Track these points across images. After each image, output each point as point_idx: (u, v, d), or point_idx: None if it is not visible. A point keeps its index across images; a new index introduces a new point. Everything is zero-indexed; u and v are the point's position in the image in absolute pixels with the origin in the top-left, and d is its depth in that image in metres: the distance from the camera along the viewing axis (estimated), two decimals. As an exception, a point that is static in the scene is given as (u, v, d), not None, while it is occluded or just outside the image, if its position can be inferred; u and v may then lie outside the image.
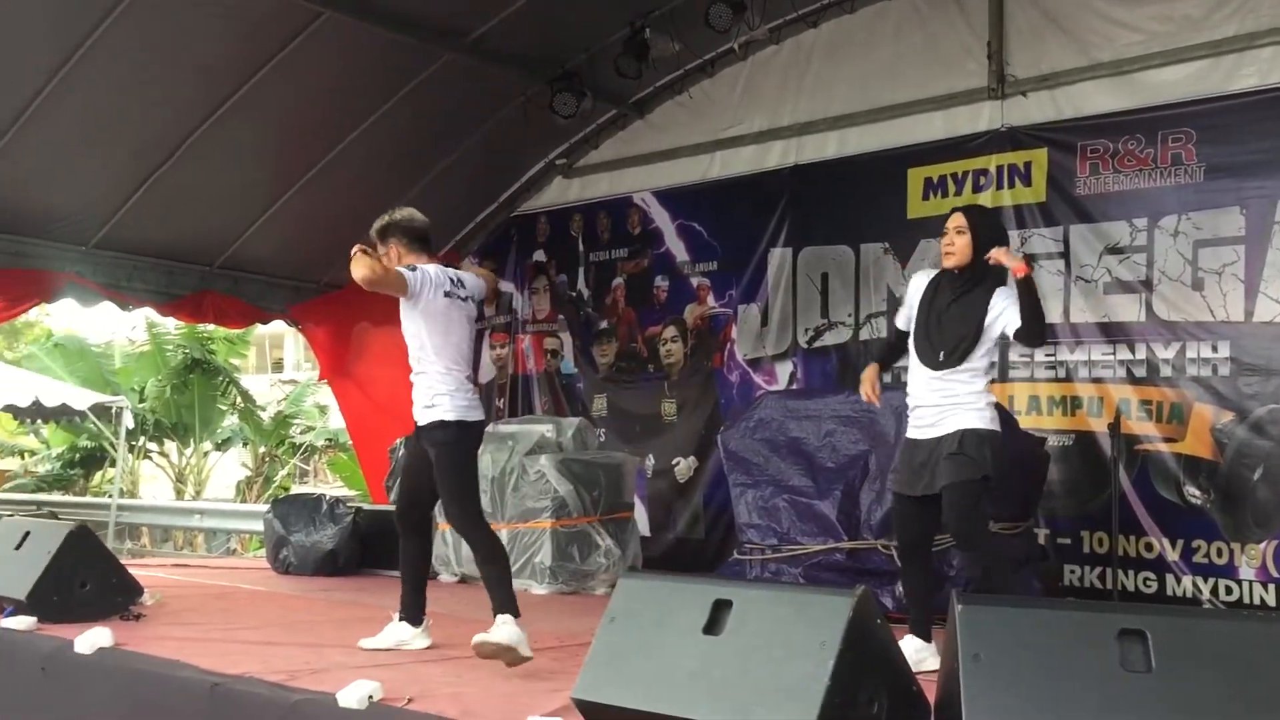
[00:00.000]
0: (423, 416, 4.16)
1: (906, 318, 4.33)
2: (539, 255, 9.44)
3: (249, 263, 9.00)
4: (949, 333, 4.09)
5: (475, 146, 8.68)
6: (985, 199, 6.90)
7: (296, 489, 17.59)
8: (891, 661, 2.68)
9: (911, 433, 4.16)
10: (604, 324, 9.02)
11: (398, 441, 7.75)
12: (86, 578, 4.72)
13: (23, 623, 4.43)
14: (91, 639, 4.04)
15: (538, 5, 7.34)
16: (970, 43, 7.20)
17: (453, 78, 7.88)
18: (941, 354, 4.07)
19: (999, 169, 7.04)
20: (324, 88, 7.68)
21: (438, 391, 4.13)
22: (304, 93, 7.62)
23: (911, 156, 7.36)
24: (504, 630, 3.78)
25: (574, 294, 9.24)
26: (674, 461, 8.42)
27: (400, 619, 4.26)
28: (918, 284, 4.32)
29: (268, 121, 7.79)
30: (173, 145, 7.73)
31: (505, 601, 3.90)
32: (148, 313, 11.64)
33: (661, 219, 8.70)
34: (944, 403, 4.04)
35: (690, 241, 8.53)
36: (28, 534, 4.94)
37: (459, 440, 4.14)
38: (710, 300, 8.38)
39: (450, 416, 4.11)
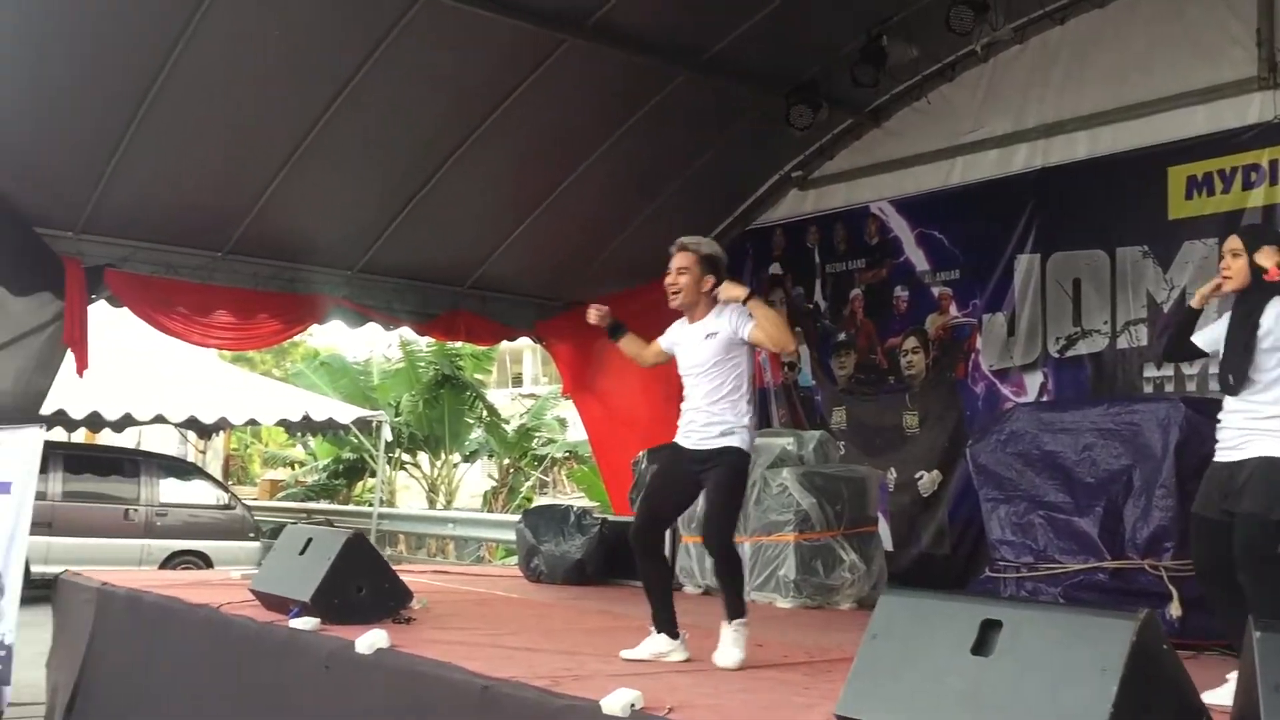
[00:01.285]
0: (715, 442, 4.25)
1: (1208, 339, 4.21)
2: (775, 268, 9.45)
3: (497, 282, 9.42)
4: (1228, 355, 3.99)
5: (709, 162, 8.80)
6: (1257, 196, 6.47)
7: (538, 500, 18.22)
8: (1180, 690, 2.53)
9: (1217, 454, 3.99)
10: (842, 335, 8.94)
11: (641, 454, 7.92)
12: (362, 582, 5.03)
13: (308, 623, 4.76)
14: (370, 640, 4.30)
15: (773, 20, 7.38)
16: (1235, 31, 6.76)
17: (688, 95, 8.01)
18: (1230, 378, 3.94)
19: (1272, 164, 6.56)
20: (565, 112, 7.96)
21: (742, 423, 4.27)
22: (547, 118, 7.92)
23: (1172, 154, 6.97)
24: (731, 644, 4.11)
25: (811, 306, 9.20)
26: (917, 475, 8.24)
27: (657, 632, 4.36)
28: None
29: (513, 147, 8.14)
30: (427, 174, 8.19)
31: (736, 606, 4.23)
32: (403, 331, 12.33)
33: (900, 228, 8.55)
34: (1246, 425, 3.88)
35: (930, 250, 8.35)
36: (310, 540, 5.32)
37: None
38: (953, 309, 8.17)
39: (748, 447, 4.29)
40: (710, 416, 4.26)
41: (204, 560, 12.90)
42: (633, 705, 3.26)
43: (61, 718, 6.12)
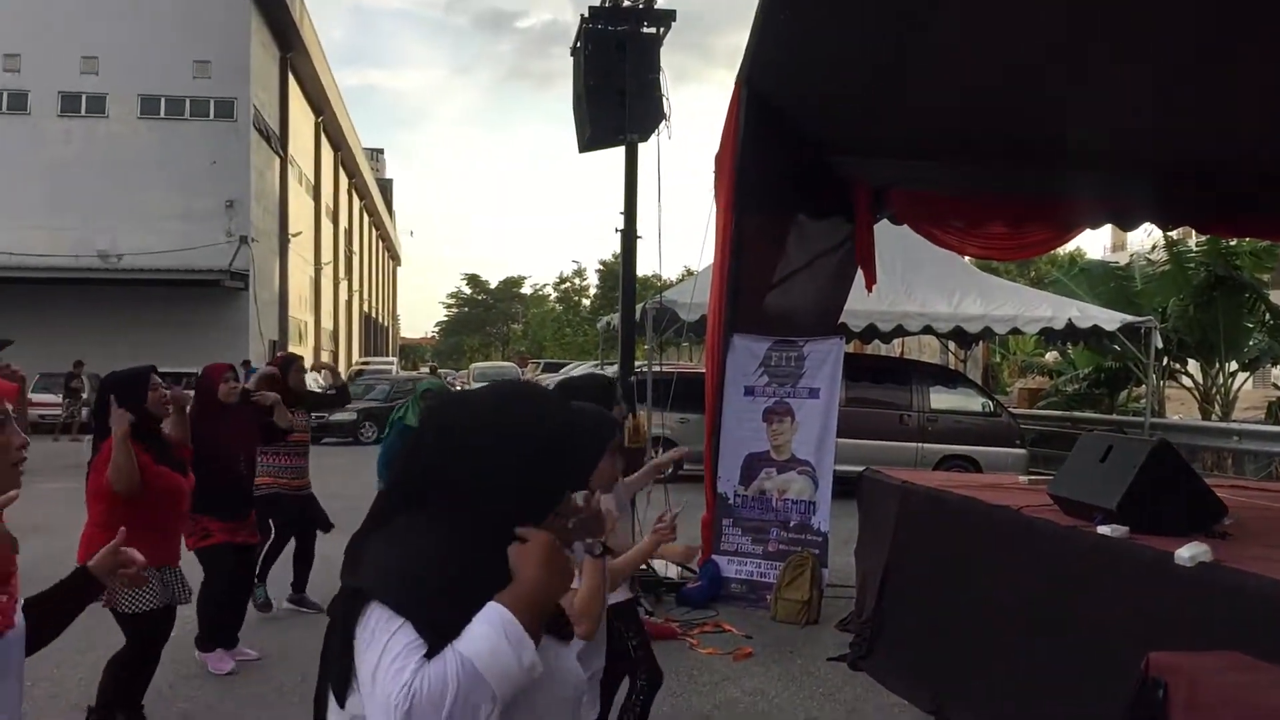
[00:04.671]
0: None
1: None
2: None
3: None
4: None
5: None
6: None
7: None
8: None
9: None
10: None
11: None
12: (1171, 492, 4.83)
13: (1116, 530, 4.71)
14: (1191, 551, 4.12)
15: None
16: None
17: None
18: None
19: None
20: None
21: None
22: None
23: None
24: None
25: None
26: None
27: None
28: None
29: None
30: (1207, 57, 7.44)
31: None
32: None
33: None
34: None
35: None
36: (1110, 448, 5.23)
37: None
38: None
39: None
40: None
41: (973, 465, 13.39)
42: None
43: (873, 602, 6.78)
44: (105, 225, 31.53)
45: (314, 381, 11.15)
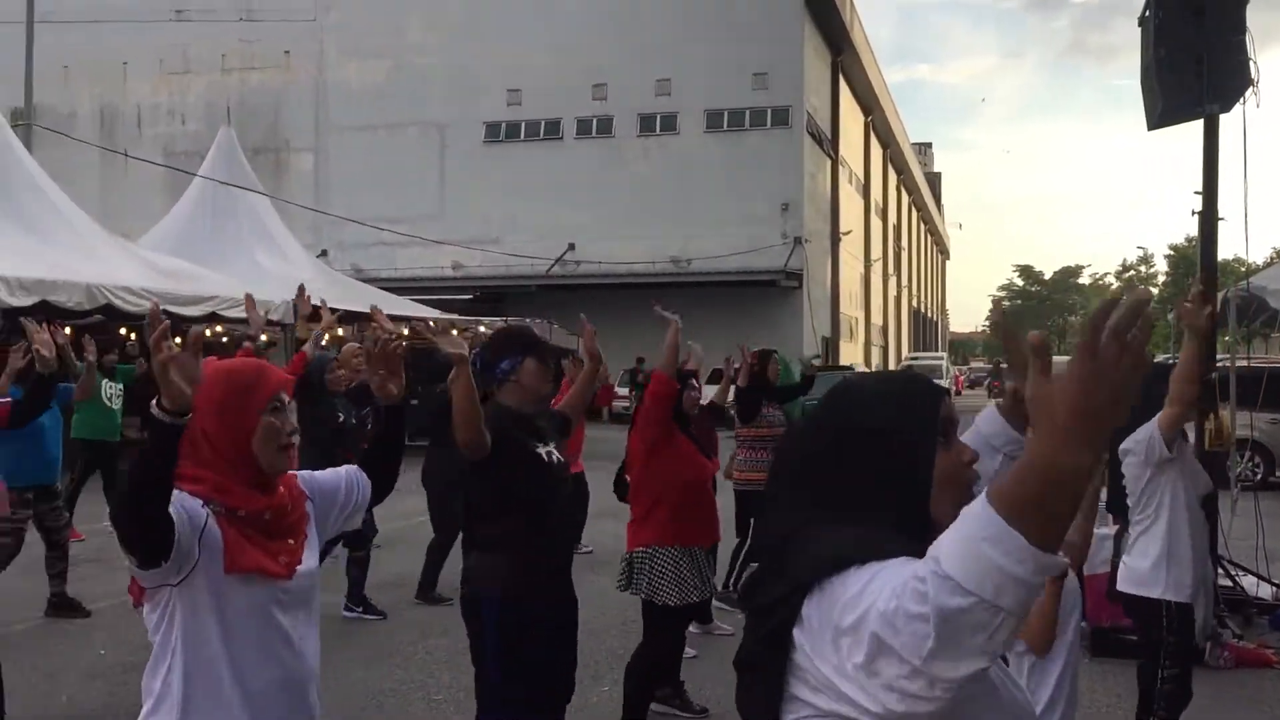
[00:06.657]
0: None
1: None
2: None
3: None
4: None
5: None
6: None
7: None
8: None
9: None
10: None
11: None
12: None
13: None
14: None
15: None
16: None
17: None
18: None
19: None
20: None
21: None
22: None
23: None
24: None
25: None
26: None
27: None
28: None
29: None
30: None
31: None
32: None
33: None
34: None
35: None
36: None
37: None
38: None
39: None
40: None
41: None
42: None
43: None
44: (677, 233, 34.43)
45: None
